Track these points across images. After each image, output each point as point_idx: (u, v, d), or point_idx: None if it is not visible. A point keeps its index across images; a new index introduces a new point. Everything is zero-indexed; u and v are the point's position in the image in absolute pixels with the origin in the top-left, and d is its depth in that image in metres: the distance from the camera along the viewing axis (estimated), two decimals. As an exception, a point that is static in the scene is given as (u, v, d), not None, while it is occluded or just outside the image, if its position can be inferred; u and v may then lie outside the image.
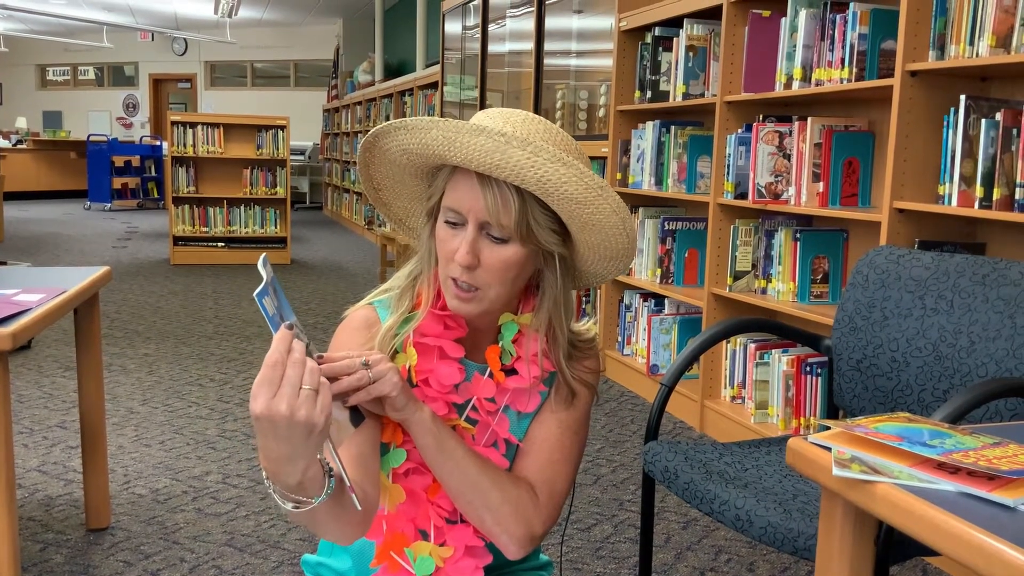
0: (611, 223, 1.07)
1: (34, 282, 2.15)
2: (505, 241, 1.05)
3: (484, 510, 1.07)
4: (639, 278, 3.97)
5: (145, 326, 5.13)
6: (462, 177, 1.05)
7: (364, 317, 1.15)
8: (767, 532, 1.48)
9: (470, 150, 1.00)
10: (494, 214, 1.03)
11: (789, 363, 2.98)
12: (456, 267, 1.06)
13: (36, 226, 10.55)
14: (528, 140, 1.00)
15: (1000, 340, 1.66)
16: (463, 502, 1.07)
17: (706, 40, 3.63)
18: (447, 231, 1.07)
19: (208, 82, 17.85)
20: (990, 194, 2.24)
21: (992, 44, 2.25)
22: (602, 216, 1.06)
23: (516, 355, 1.13)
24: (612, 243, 1.10)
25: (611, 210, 1.06)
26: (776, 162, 3.07)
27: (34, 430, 3.25)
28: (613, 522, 2.58)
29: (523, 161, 1.00)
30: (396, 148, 1.09)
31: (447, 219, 1.07)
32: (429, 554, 1.08)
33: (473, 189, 1.04)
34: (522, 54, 5.88)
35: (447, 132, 1.01)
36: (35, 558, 2.27)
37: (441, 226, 1.08)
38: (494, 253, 1.06)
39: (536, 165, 1.00)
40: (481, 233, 1.05)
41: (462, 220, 1.06)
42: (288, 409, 0.83)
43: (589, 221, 1.07)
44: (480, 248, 1.05)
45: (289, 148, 7.82)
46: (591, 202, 1.04)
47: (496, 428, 1.12)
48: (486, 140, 0.99)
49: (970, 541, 0.78)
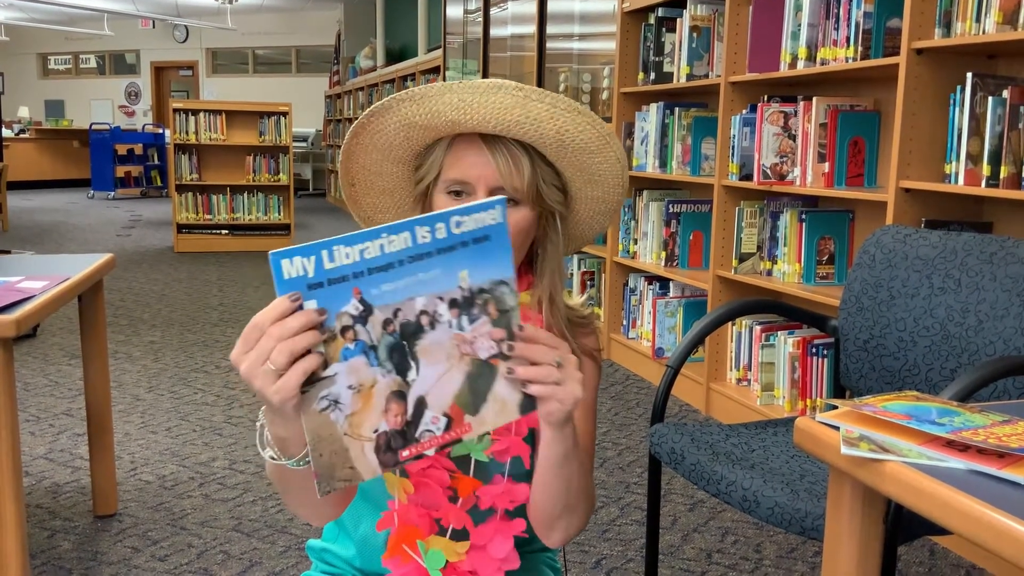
0: (614, 172, 1.07)
1: (38, 270, 2.15)
2: (517, 203, 1.04)
3: (569, 507, 1.05)
4: (644, 261, 3.96)
5: (150, 314, 5.14)
6: (465, 146, 1.03)
7: None
8: (774, 513, 1.48)
9: (489, 109, 0.98)
10: (507, 177, 1.02)
11: (795, 345, 2.97)
12: None
13: (40, 215, 10.55)
14: (544, 93, 1.00)
15: (1008, 318, 1.65)
16: (553, 502, 1.04)
17: (710, 20, 3.60)
18: (450, 202, 1.05)
19: (210, 69, 17.81)
20: (997, 172, 2.22)
21: (999, 21, 2.22)
22: (608, 166, 1.06)
23: None
24: (611, 195, 1.10)
25: (615, 158, 1.06)
26: (781, 143, 3.06)
27: (41, 418, 3.26)
28: (619, 504, 2.58)
29: (543, 113, 0.99)
30: (395, 125, 1.06)
31: (451, 190, 1.05)
32: (442, 549, 1.07)
33: (481, 155, 1.02)
34: (524, 37, 5.86)
35: (463, 95, 0.99)
36: (43, 545, 2.28)
37: (441, 200, 1.06)
38: (509, 217, 1.05)
39: (555, 116, 1.00)
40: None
41: (469, 190, 1.04)
42: (246, 373, 0.81)
43: (596, 172, 1.07)
44: None
45: (292, 135, 7.81)
46: (601, 150, 1.04)
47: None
48: (506, 96, 0.98)
49: (980, 519, 0.77)
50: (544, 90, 1.02)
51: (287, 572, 2.16)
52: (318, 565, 1.28)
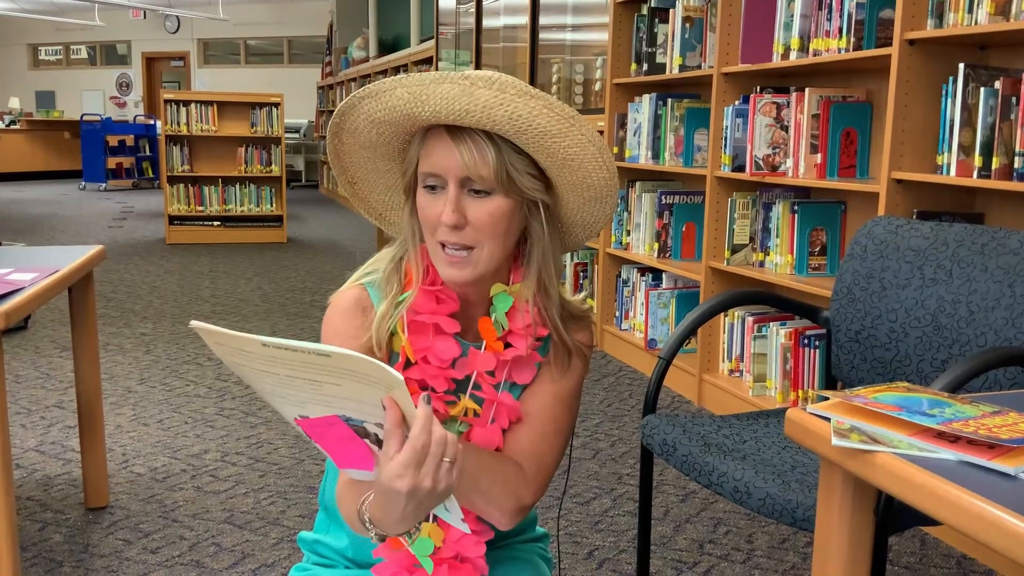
0: (588, 155, 1.06)
1: (27, 261, 2.14)
2: (488, 193, 1.04)
3: (474, 494, 1.06)
4: (636, 252, 3.96)
5: (142, 306, 5.12)
6: (434, 139, 1.05)
7: (356, 298, 1.13)
8: (766, 503, 1.48)
9: (436, 100, 1.00)
10: (472, 167, 1.03)
11: (787, 336, 2.97)
12: (443, 230, 1.04)
13: (31, 207, 10.51)
14: (492, 79, 1.00)
15: (999, 309, 1.65)
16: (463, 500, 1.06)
17: (703, 11, 3.59)
18: (427, 197, 1.06)
19: (201, 60, 17.73)
20: (989, 163, 2.23)
21: (991, 12, 2.22)
22: (578, 148, 1.05)
23: (508, 328, 1.12)
24: (592, 179, 1.08)
25: (587, 140, 1.05)
26: (774, 134, 3.05)
27: (32, 410, 3.25)
28: (612, 496, 2.58)
29: (491, 100, 0.99)
30: (365, 123, 1.08)
31: (426, 184, 1.06)
32: (428, 535, 1.07)
33: (446, 147, 1.03)
34: (517, 28, 5.84)
35: (411, 88, 1.01)
36: (34, 537, 2.27)
37: (421, 195, 1.07)
38: (480, 207, 1.04)
39: (504, 102, 1.00)
40: (463, 191, 1.04)
41: (441, 183, 1.05)
42: (432, 483, 0.86)
43: (566, 157, 1.05)
44: (465, 206, 1.04)
45: (284, 126, 7.78)
46: (565, 134, 1.03)
47: (502, 402, 1.11)
48: (451, 86, 0.99)
49: (970, 509, 0.77)
50: (498, 77, 1.01)
51: (279, 564, 2.15)
52: (310, 557, 1.28)
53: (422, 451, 0.84)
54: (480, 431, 1.10)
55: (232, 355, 0.85)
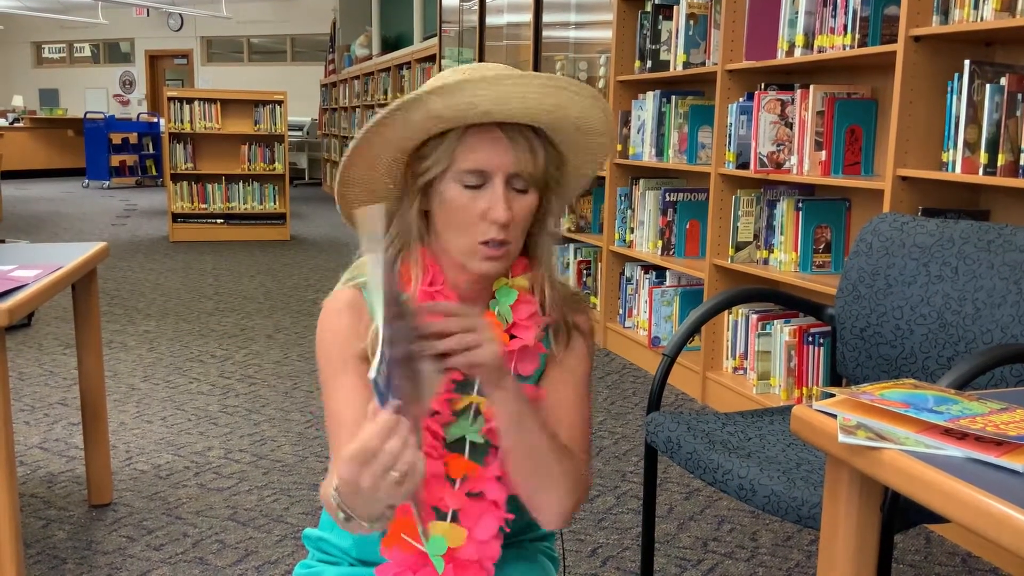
0: (603, 144, 1.11)
1: (31, 258, 2.14)
2: (526, 191, 1.05)
3: (546, 479, 1.04)
4: (640, 250, 3.96)
5: (145, 303, 5.12)
6: (481, 137, 1.03)
7: (350, 299, 1.11)
8: (771, 501, 1.48)
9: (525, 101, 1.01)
10: (525, 164, 1.03)
11: (791, 333, 2.96)
12: (492, 227, 1.03)
13: (34, 204, 10.52)
14: (568, 80, 1.02)
15: (1005, 306, 1.64)
16: (525, 473, 1.04)
17: (707, 8, 3.58)
18: (467, 195, 1.04)
19: (204, 58, 17.73)
20: (994, 160, 2.22)
21: (997, 8, 2.21)
22: (602, 140, 1.10)
23: (512, 320, 1.11)
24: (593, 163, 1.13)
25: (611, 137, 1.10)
26: (778, 131, 3.05)
27: (35, 407, 3.25)
28: (616, 493, 2.58)
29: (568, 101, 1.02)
30: (422, 117, 1.02)
31: (466, 183, 1.04)
32: (444, 534, 1.07)
33: (498, 143, 1.02)
34: (520, 26, 5.83)
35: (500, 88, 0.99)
36: (38, 535, 2.27)
37: (458, 193, 1.04)
38: (521, 203, 1.05)
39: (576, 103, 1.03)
40: (507, 186, 1.04)
41: (484, 180, 1.04)
42: (371, 487, 0.82)
43: (590, 147, 1.10)
44: (510, 202, 1.04)
45: (287, 123, 7.78)
46: (606, 132, 1.08)
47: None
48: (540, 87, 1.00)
49: (979, 507, 0.77)
50: (563, 77, 1.03)
51: (283, 561, 2.15)
52: (315, 554, 1.28)
53: (369, 453, 0.81)
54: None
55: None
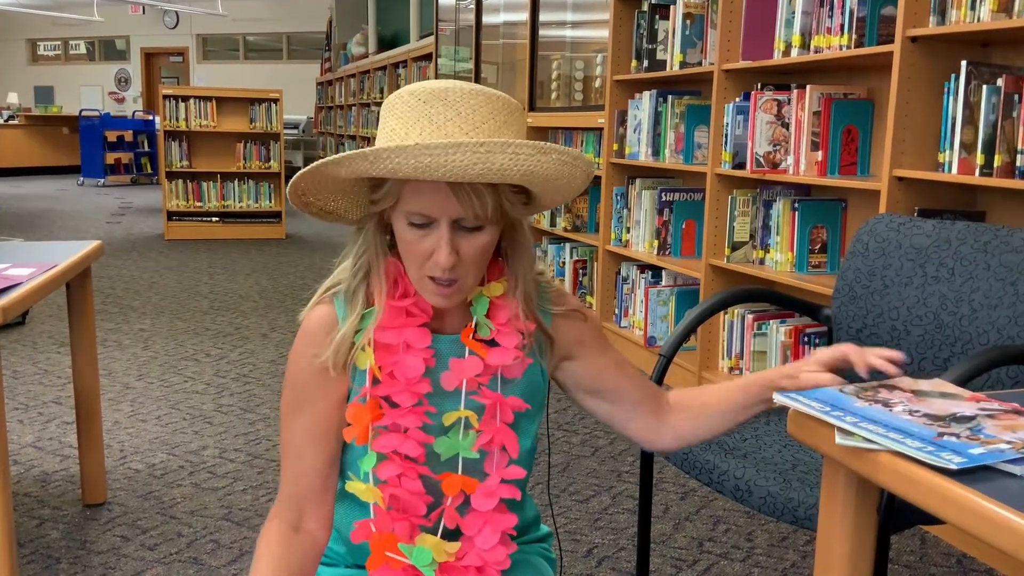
0: (579, 181, 1.06)
1: (25, 257, 2.13)
2: (480, 229, 1.02)
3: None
4: (636, 250, 3.95)
5: (140, 301, 5.11)
6: (423, 182, 0.99)
7: (319, 319, 1.10)
8: (767, 502, 1.48)
9: (449, 168, 0.95)
10: (469, 208, 0.99)
11: (787, 333, 2.96)
12: (436, 267, 1.01)
13: (29, 202, 10.49)
14: (507, 145, 0.96)
15: (1002, 308, 1.64)
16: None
17: (703, 7, 3.58)
18: (413, 233, 1.02)
19: (200, 55, 17.70)
20: (991, 161, 2.22)
21: (994, 9, 2.21)
22: (575, 182, 1.05)
23: (494, 327, 1.10)
24: (574, 189, 1.08)
25: (584, 176, 1.04)
26: (774, 131, 3.05)
27: (29, 406, 3.24)
28: (611, 493, 2.58)
29: (507, 162, 0.96)
30: (347, 173, 1.02)
31: (412, 221, 1.02)
32: (432, 547, 1.06)
33: (441, 192, 0.99)
34: (517, 25, 5.82)
35: (420, 158, 0.94)
36: (31, 534, 2.26)
37: (405, 229, 1.03)
38: (472, 243, 1.02)
39: (518, 162, 0.97)
40: (454, 228, 1.01)
41: (429, 220, 1.01)
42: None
43: (558, 186, 1.05)
44: (457, 243, 1.01)
45: (283, 122, 7.76)
46: (566, 175, 1.03)
47: (506, 403, 1.09)
48: (465, 156, 0.94)
49: (976, 510, 0.77)
50: (512, 142, 0.97)
51: (278, 561, 2.15)
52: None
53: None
54: (490, 432, 1.09)
55: None
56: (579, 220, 4.63)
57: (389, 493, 1.07)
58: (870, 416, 0.91)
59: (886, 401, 0.96)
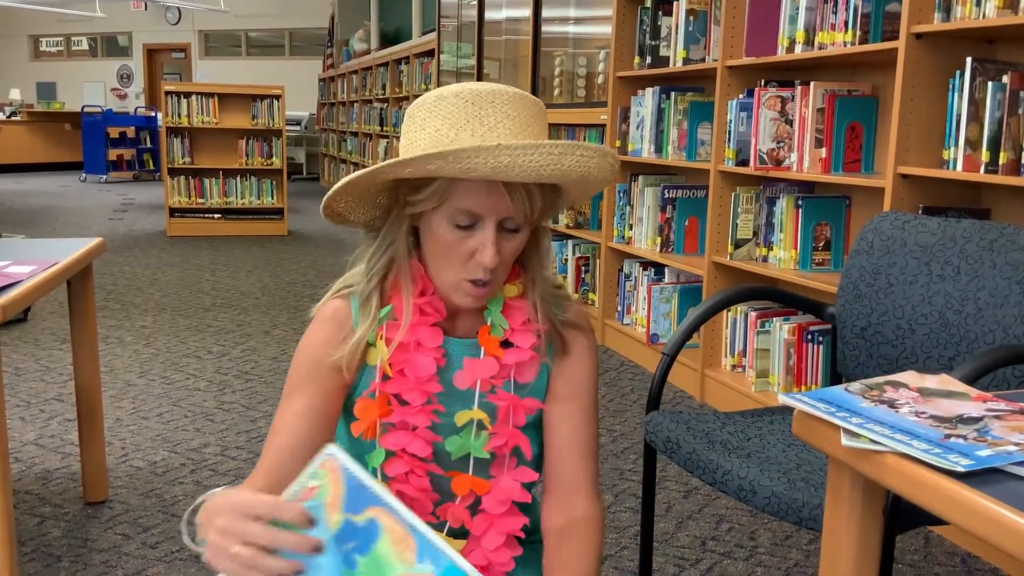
0: (606, 184, 1.09)
1: (26, 254, 2.12)
2: (517, 230, 1.04)
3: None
4: (639, 247, 3.94)
5: (142, 298, 5.11)
6: (476, 181, 1.00)
7: (334, 309, 1.11)
8: (771, 502, 1.47)
9: (525, 169, 0.96)
10: (520, 209, 1.01)
11: (790, 331, 2.95)
12: (479, 268, 1.03)
13: (31, 199, 10.49)
14: (573, 143, 0.99)
15: (1008, 306, 1.63)
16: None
17: (707, 3, 3.57)
18: (455, 234, 1.02)
19: (202, 52, 17.69)
20: (996, 158, 2.21)
21: (999, 5, 2.20)
22: (604, 184, 1.08)
23: (509, 327, 1.10)
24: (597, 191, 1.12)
25: (613, 179, 1.07)
26: (778, 128, 3.03)
27: (31, 403, 3.24)
28: (614, 492, 2.57)
29: (573, 165, 0.99)
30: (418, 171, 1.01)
31: (458, 223, 1.02)
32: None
33: (495, 191, 1.00)
34: (520, 21, 5.81)
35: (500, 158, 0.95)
36: (32, 532, 2.26)
37: (446, 230, 1.03)
38: (511, 244, 1.04)
39: (582, 164, 1.00)
40: (497, 228, 1.03)
41: (475, 221, 1.02)
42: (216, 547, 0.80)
43: (589, 188, 1.08)
44: (499, 243, 1.03)
45: (285, 118, 7.75)
46: (608, 179, 1.06)
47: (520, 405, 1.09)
48: (541, 157, 0.96)
49: (983, 512, 0.76)
50: (571, 142, 1.00)
51: (279, 559, 2.14)
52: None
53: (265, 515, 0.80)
54: (504, 435, 1.09)
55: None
56: (582, 217, 4.62)
57: (396, 490, 1.06)
58: (876, 417, 0.90)
59: (892, 401, 0.95)
